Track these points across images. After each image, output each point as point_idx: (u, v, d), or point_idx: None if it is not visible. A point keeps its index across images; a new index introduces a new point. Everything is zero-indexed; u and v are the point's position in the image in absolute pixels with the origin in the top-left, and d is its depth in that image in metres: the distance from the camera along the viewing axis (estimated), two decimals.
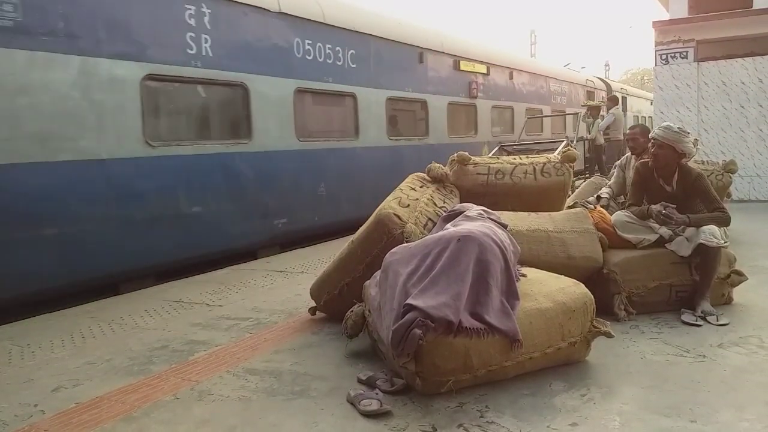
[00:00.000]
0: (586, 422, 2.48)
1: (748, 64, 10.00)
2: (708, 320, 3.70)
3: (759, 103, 9.96)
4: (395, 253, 3.13)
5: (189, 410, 2.75)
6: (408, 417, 2.58)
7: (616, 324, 3.61)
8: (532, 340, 2.89)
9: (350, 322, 3.38)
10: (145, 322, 4.25)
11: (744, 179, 9.83)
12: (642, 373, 2.98)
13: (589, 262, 3.90)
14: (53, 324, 4.32)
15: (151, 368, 3.31)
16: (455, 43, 11.49)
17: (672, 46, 10.69)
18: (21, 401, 2.93)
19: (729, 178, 6.14)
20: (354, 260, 3.76)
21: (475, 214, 3.44)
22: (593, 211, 4.33)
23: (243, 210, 6.80)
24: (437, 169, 4.26)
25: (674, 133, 4.01)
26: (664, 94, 10.65)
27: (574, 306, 3.06)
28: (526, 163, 4.46)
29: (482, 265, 2.89)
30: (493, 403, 2.68)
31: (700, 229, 3.83)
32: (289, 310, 4.43)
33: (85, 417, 2.72)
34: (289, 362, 3.31)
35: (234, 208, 6.69)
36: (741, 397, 2.68)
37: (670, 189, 4.09)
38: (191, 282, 5.60)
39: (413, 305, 2.71)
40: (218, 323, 4.15)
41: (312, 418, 2.60)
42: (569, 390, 2.80)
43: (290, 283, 5.34)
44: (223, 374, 3.17)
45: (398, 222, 3.56)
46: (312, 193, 7.84)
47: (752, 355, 3.16)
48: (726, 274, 4.00)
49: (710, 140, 10.25)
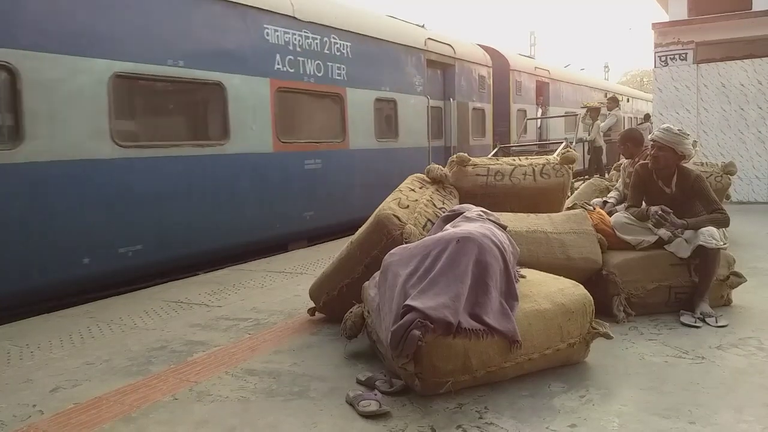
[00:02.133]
0: (585, 423, 2.48)
1: (747, 66, 10.01)
2: (707, 322, 3.71)
3: (758, 104, 9.97)
4: (394, 254, 3.13)
5: (188, 411, 2.74)
6: (407, 418, 2.57)
7: (615, 325, 3.61)
8: (531, 342, 2.89)
9: (349, 322, 3.38)
10: (144, 323, 4.25)
11: (743, 181, 9.85)
12: (641, 375, 2.98)
13: (588, 263, 3.90)
14: (52, 324, 4.32)
15: (150, 369, 3.31)
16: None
17: (671, 47, 10.70)
18: (19, 401, 2.93)
19: (728, 180, 6.16)
20: (353, 261, 3.76)
21: (475, 215, 3.44)
22: (592, 212, 4.34)
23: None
24: (437, 170, 4.26)
25: (674, 135, 4.01)
26: (664, 95, 10.67)
27: (573, 307, 3.06)
28: (526, 164, 4.47)
29: (481, 266, 2.90)
30: (492, 404, 2.68)
31: (699, 230, 3.83)
32: (288, 310, 4.42)
33: (84, 417, 2.71)
34: (288, 363, 3.31)
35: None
36: (740, 398, 2.68)
37: (669, 190, 4.10)
38: (190, 282, 5.60)
39: (412, 306, 2.71)
40: (217, 324, 4.15)
41: (311, 419, 2.60)
42: (568, 391, 2.80)
43: (289, 283, 5.34)
44: (222, 375, 3.17)
45: (397, 223, 3.57)
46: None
47: (751, 357, 3.17)
48: (725, 275, 4.01)
49: (709, 142, 10.26)
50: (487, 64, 12.86)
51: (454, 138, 11.35)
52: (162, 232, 5.85)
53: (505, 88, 14.17)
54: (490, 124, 13.14)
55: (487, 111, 12.96)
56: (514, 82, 14.34)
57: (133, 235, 5.56)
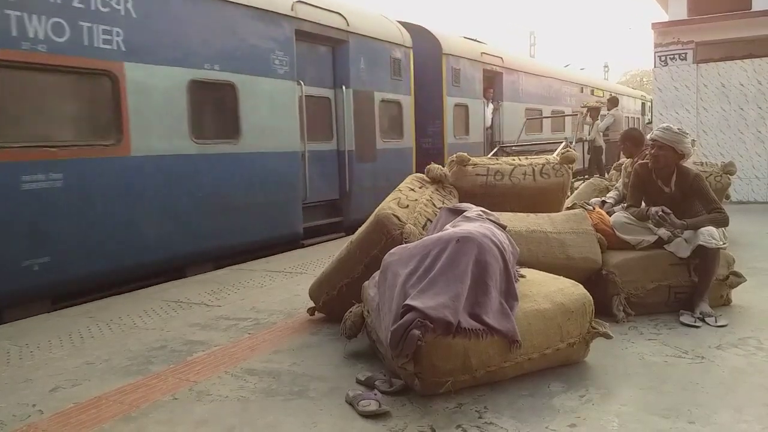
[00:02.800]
0: (584, 423, 2.48)
1: (746, 65, 10.01)
2: (706, 321, 3.71)
3: (758, 104, 9.97)
4: (394, 253, 3.13)
5: (187, 410, 2.74)
6: (406, 418, 2.58)
7: (614, 325, 3.61)
8: (531, 341, 2.90)
9: (349, 322, 3.38)
10: (144, 323, 4.25)
11: (742, 181, 9.85)
12: (640, 375, 2.98)
13: (587, 263, 3.90)
14: (52, 324, 4.32)
15: (149, 368, 3.31)
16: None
17: (671, 47, 10.71)
18: (19, 401, 2.93)
19: (727, 180, 6.16)
20: (353, 261, 3.76)
21: (474, 215, 3.44)
22: (592, 212, 4.35)
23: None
24: (436, 170, 4.27)
25: (674, 134, 4.01)
26: (663, 95, 10.67)
27: (573, 307, 3.06)
28: (525, 164, 4.47)
29: (481, 266, 2.90)
30: (492, 404, 2.68)
31: (698, 230, 3.83)
32: (287, 310, 4.42)
33: (84, 417, 2.71)
34: (288, 363, 3.31)
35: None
36: (739, 398, 2.68)
37: (668, 190, 4.10)
38: (190, 282, 5.60)
39: (412, 306, 2.71)
40: (217, 323, 4.15)
41: (311, 419, 2.60)
42: (568, 391, 2.80)
43: (289, 283, 5.34)
44: (222, 374, 3.17)
45: (397, 223, 3.57)
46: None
47: (750, 357, 3.17)
48: (725, 275, 4.01)
49: (709, 142, 10.26)
50: (404, 44, 9.83)
51: (349, 138, 8.46)
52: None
53: (437, 76, 10.93)
54: (410, 122, 10.03)
55: (405, 104, 9.86)
56: (450, 69, 11.13)
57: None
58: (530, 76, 14.84)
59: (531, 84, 14.81)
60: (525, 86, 14.45)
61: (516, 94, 14.00)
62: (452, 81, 11.23)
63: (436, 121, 11.03)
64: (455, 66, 11.36)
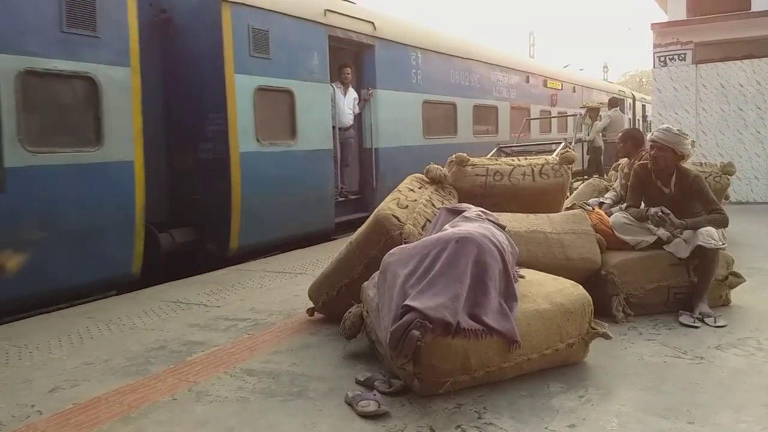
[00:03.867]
0: (584, 423, 2.48)
1: (746, 66, 10.02)
2: (706, 322, 3.71)
3: (757, 105, 9.98)
4: (393, 254, 3.13)
5: (187, 411, 2.74)
6: (406, 418, 2.57)
7: (614, 325, 3.61)
8: (530, 342, 2.90)
9: (348, 323, 3.38)
10: (143, 323, 4.24)
11: (742, 181, 9.85)
12: (640, 375, 2.98)
13: (587, 263, 3.90)
14: (51, 324, 4.31)
15: (148, 369, 3.31)
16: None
17: (670, 48, 10.71)
18: (18, 402, 2.92)
19: (727, 180, 6.16)
20: (352, 261, 3.76)
21: (474, 216, 3.44)
22: (591, 212, 4.35)
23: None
24: (436, 171, 4.27)
25: (674, 135, 4.01)
26: (663, 96, 10.67)
27: (573, 307, 3.06)
28: (525, 164, 4.47)
29: (480, 266, 2.90)
30: (491, 405, 2.68)
31: (698, 231, 3.83)
32: (287, 310, 4.42)
33: (83, 418, 2.71)
34: (287, 363, 3.31)
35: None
36: (738, 398, 2.68)
37: (668, 191, 4.10)
38: (189, 282, 5.60)
39: (411, 306, 2.71)
40: (216, 324, 4.15)
41: (310, 419, 2.60)
42: (567, 391, 2.80)
43: (288, 283, 5.34)
44: (221, 375, 3.16)
45: (397, 223, 3.57)
46: None
47: (750, 357, 3.17)
48: (724, 275, 4.01)
49: (708, 142, 10.26)
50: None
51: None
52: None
53: (213, 39, 6.50)
54: (136, 117, 5.50)
55: (103, 83, 5.19)
56: (246, 29, 6.74)
57: None
58: (434, 55, 10.34)
59: (435, 67, 10.38)
60: (424, 69, 10.05)
61: (404, 80, 9.57)
62: (252, 49, 6.84)
63: (217, 114, 6.61)
64: (259, 26, 6.92)
